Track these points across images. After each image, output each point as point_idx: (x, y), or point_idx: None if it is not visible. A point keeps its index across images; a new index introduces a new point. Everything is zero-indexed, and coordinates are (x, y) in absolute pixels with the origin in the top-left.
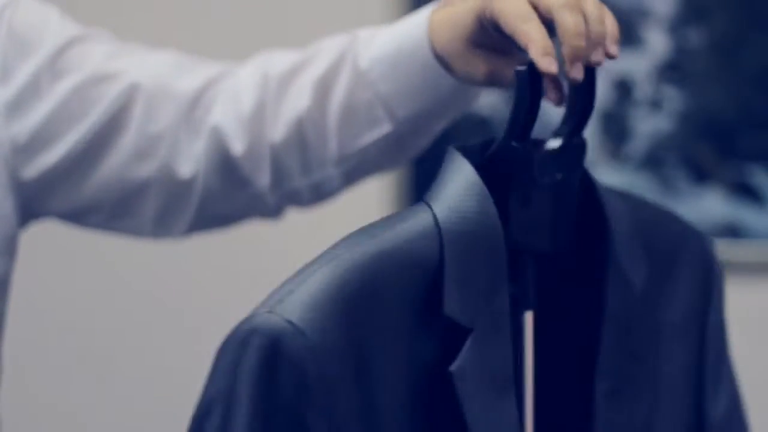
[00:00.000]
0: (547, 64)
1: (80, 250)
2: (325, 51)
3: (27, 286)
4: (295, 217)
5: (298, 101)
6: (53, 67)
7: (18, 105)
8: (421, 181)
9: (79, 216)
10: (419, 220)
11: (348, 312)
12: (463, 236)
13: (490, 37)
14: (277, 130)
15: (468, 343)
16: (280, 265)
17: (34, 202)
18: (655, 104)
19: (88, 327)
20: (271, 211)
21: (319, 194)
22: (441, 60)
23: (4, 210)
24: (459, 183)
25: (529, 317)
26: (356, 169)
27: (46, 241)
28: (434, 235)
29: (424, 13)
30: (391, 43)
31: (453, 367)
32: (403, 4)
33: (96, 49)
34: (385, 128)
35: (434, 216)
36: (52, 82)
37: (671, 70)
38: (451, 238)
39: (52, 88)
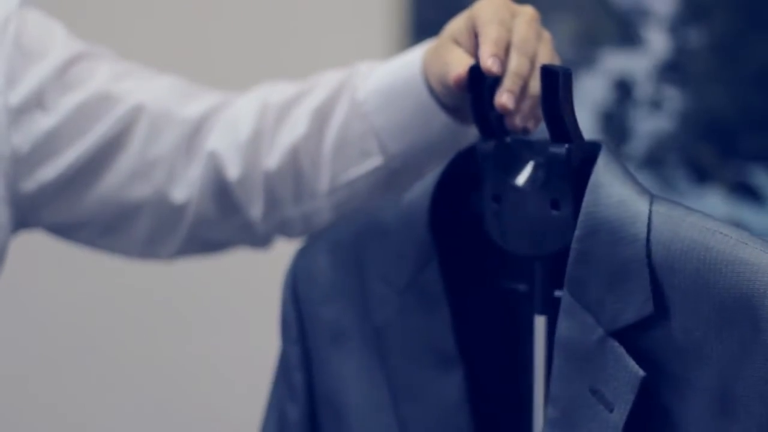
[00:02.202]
0: (489, 63)
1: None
2: (324, 82)
3: (27, 286)
4: None
5: (294, 130)
6: (59, 81)
7: (22, 114)
8: None
9: (69, 231)
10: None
11: (335, 260)
12: (405, 215)
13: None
14: (273, 158)
15: (394, 306)
16: (281, 262)
17: (28, 214)
18: (656, 104)
19: (88, 327)
20: (261, 240)
21: (309, 225)
22: (435, 96)
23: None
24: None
25: (539, 322)
26: (346, 203)
27: (45, 241)
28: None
29: (420, 48)
30: (387, 77)
31: (378, 323)
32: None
33: (102, 68)
34: (375, 161)
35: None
36: (57, 96)
37: (671, 70)
38: (398, 214)
39: (57, 102)
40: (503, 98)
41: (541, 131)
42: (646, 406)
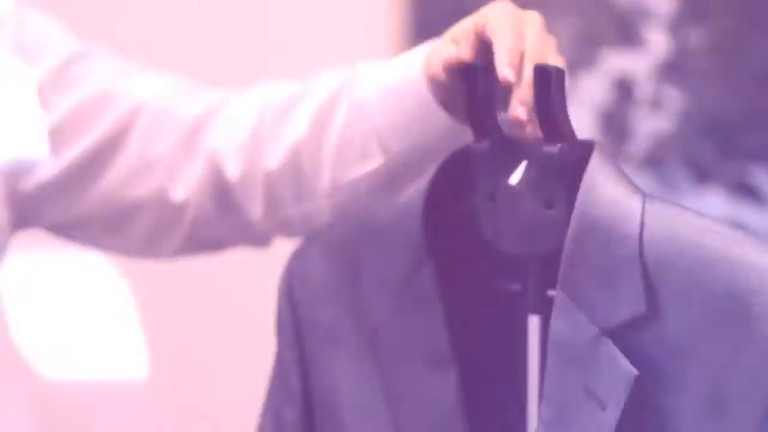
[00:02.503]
0: (506, 73)
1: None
2: (325, 82)
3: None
4: None
5: (295, 130)
6: (58, 80)
7: None
8: None
9: (68, 230)
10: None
11: (330, 261)
12: (399, 216)
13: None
14: (273, 158)
15: (389, 307)
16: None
17: (27, 213)
18: (656, 104)
19: (86, 326)
20: (261, 239)
21: (309, 225)
22: (436, 96)
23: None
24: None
25: (533, 321)
26: (347, 203)
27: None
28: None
29: (423, 48)
30: (388, 77)
31: (373, 324)
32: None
33: (101, 67)
34: (376, 161)
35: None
36: (55, 95)
37: (671, 70)
38: (393, 214)
39: (55, 101)
40: (517, 111)
41: None
42: (639, 405)
